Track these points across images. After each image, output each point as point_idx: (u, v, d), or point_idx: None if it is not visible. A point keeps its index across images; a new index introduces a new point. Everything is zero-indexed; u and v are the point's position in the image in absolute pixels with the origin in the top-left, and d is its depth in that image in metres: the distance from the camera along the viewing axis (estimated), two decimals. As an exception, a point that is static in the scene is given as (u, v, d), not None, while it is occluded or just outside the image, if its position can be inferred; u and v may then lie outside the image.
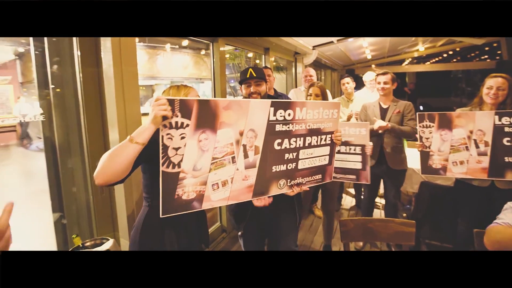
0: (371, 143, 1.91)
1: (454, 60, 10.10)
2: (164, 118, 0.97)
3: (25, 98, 1.87)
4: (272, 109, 1.24)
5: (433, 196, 2.46)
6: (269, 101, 1.24)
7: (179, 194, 1.05)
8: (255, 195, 1.26)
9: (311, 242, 2.69)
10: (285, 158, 1.33)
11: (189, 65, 4.71)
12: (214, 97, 2.65)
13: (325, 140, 1.46)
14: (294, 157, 1.36)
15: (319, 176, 1.47)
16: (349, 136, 1.92)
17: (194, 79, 5.06)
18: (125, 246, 1.62)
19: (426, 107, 9.56)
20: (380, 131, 2.24)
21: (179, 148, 1.02)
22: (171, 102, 0.98)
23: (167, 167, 1.01)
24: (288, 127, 1.31)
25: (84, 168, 1.64)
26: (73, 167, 1.66)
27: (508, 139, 1.77)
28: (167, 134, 0.99)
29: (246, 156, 1.20)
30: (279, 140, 1.29)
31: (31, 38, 1.68)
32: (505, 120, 1.77)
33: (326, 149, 1.47)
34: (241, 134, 1.17)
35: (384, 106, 2.37)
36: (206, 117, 1.07)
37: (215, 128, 1.10)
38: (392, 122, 2.27)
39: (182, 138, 1.02)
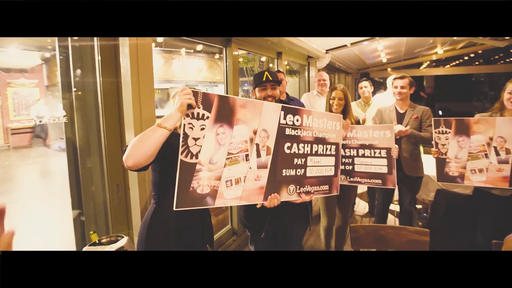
0: (396, 146, 1.86)
1: (476, 63, 9.69)
2: (189, 107, 1.04)
3: (44, 100, 1.97)
4: (282, 112, 1.30)
5: (450, 204, 2.38)
6: (279, 104, 1.29)
7: (194, 187, 1.08)
8: (266, 198, 1.28)
9: (321, 248, 2.65)
10: (294, 162, 1.37)
11: (203, 69, 4.82)
12: None
13: (330, 150, 1.51)
14: (303, 163, 1.40)
15: (326, 187, 1.51)
16: (373, 139, 1.88)
17: (208, 82, 5.16)
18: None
19: (446, 111, 9.20)
20: (397, 137, 2.18)
21: (198, 138, 1.08)
22: (195, 93, 1.06)
23: (186, 156, 1.05)
24: (297, 132, 1.36)
25: (102, 167, 1.71)
26: (92, 166, 1.74)
27: (532, 146, 1.69)
28: (189, 123, 1.06)
29: (258, 155, 1.24)
30: (289, 144, 1.34)
31: (56, 44, 1.78)
32: (528, 126, 1.69)
33: (332, 160, 1.53)
34: (255, 133, 1.22)
35: (401, 111, 2.31)
36: (225, 112, 1.13)
37: (232, 124, 1.15)
38: (410, 127, 2.21)
39: (202, 129, 1.08)
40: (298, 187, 1.39)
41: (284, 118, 1.31)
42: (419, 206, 3.03)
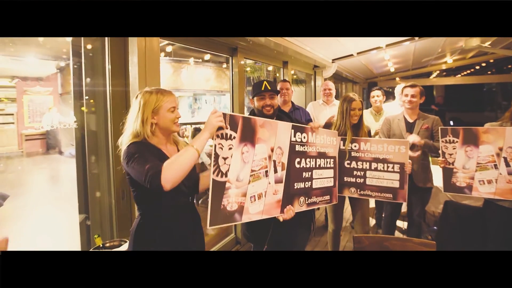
0: (410, 161, 1.86)
1: (489, 72, 9.51)
2: (218, 128, 1.11)
3: (56, 108, 2.04)
4: (292, 131, 1.43)
5: (459, 216, 2.30)
6: (290, 124, 1.43)
7: (224, 205, 1.14)
8: (282, 210, 1.37)
9: None
10: (303, 176, 1.50)
11: (211, 78, 4.91)
12: (233, 109, 2.74)
13: (329, 163, 1.67)
14: (309, 176, 1.54)
15: (328, 197, 1.66)
16: (387, 153, 1.87)
17: (216, 91, 5.25)
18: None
19: (457, 122, 9.02)
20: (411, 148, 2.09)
21: (227, 158, 1.15)
22: (224, 116, 1.12)
23: (217, 175, 1.12)
24: (304, 148, 1.50)
25: (108, 173, 1.75)
26: (99, 172, 1.78)
27: (543, 157, 1.64)
28: (219, 143, 1.12)
29: (275, 170, 1.34)
30: (299, 159, 1.47)
31: (70, 53, 1.86)
32: (539, 137, 1.64)
33: (331, 172, 1.69)
34: (272, 150, 1.32)
35: (410, 121, 2.25)
36: (248, 132, 1.21)
37: (254, 142, 1.24)
38: (421, 138, 2.14)
39: (230, 148, 1.15)
40: (306, 198, 1.51)
41: (294, 136, 1.44)
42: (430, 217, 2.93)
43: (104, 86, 1.77)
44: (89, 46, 1.74)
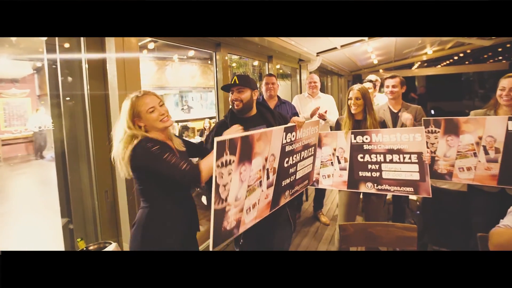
0: (429, 150, 1.74)
1: (466, 62, 9.85)
2: (220, 155, 1.07)
3: (44, 109, 1.94)
4: (284, 133, 1.42)
5: (440, 201, 2.41)
6: (282, 127, 1.42)
7: (224, 226, 1.14)
8: (271, 209, 1.40)
9: (315, 249, 2.64)
10: (289, 172, 1.51)
11: (196, 75, 4.82)
12: (218, 105, 2.70)
13: (311, 151, 1.73)
14: (294, 170, 1.56)
15: (306, 182, 1.74)
16: (402, 143, 1.74)
17: (202, 88, 5.15)
18: (127, 249, 1.65)
19: (438, 111, 9.32)
20: None
21: (227, 184, 1.12)
22: (221, 143, 1.05)
23: (218, 204, 1.09)
24: (292, 147, 1.50)
25: (90, 175, 1.69)
26: (80, 174, 1.72)
27: (522, 145, 1.71)
28: (219, 173, 1.07)
29: (268, 177, 1.34)
30: (287, 159, 1.47)
31: (45, 53, 1.76)
32: (519, 125, 1.70)
33: (311, 159, 1.75)
34: (266, 159, 1.31)
35: (395, 111, 2.32)
36: (246, 150, 1.18)
37: (251, 159, 1.22)
38: (404, 126, 2.17)
39: (229, 174, 1.12)
40: (290, 190, 1.56)
41: (285, 138, 1.43)
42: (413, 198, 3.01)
43: (81, 86, 1.69)
44: (66, 45, 1.65)
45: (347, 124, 1.90)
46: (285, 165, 1.44)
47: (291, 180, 1.52)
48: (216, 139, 1.03)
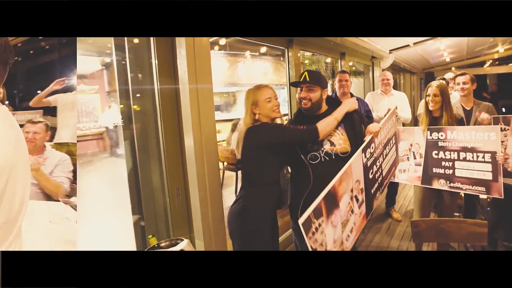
0: (503, 150, 1.75)
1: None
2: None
3: (116, 106, 2.01)
4: (363, 154, 1.45)
5: (510, 197, 2.15)
6: (360, 150, 1.41)
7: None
8: (367, 218, 1.51)
9: (387, 246, 2.58)
10: (376, 177, 1.61)
11: (268, 72, 4.77)
12: (290, 103, 2.69)
13: (392, 144, 1.84)
14: (380, 173, 1.63)
15: (393, 169, 1.88)
16: (476, 141, 1.74)
17: (274, 85, 5.12)
18: (200, 247, 1.63)
19: (509, 109, 8.56)
20: None
21: (323, 240, 1.17)
22: (307, 222, 1.05)
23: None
24: (373, 157, 1.56)
25: (161, 172, 1.70)
26: (151, 171, 1.74)
27: None
28: (314, 240, 1.07)
29: (357, 200, 1.39)
30: (371, 170, 1.55)
31: (113, 48, 1.79)
32: None
33: (393, 150, 1.86)
34: (352, 190, 1.35)
35: (467, 108, 2.35)
36: (331, 202, 1.19)
37: (338, 204, 1.25)
38: (478, 123, 2.24)
39: (322, 233, 1.15)
40: (380, 190, 1.64)
41: (365, 156, 1.49)
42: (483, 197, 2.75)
43: (151, 82, 1.70)
44: (135, 41, 1.66)
45: (425, 120, 1.91)
46: (370, 176, 1.44)
47: (379, 182, 1.52)
48: (300, 221, 1.00)
